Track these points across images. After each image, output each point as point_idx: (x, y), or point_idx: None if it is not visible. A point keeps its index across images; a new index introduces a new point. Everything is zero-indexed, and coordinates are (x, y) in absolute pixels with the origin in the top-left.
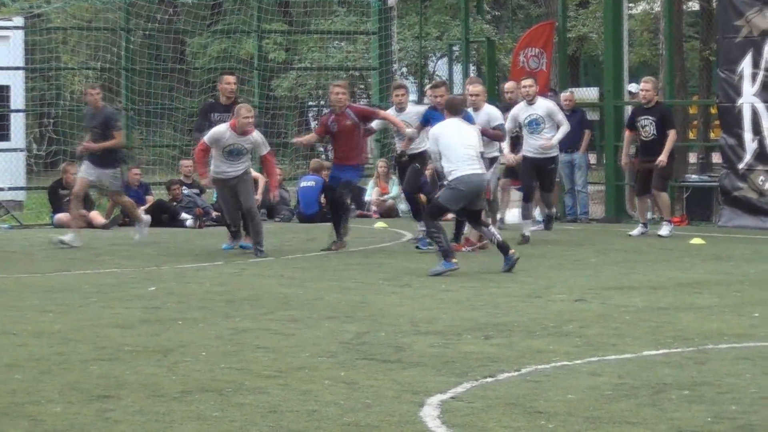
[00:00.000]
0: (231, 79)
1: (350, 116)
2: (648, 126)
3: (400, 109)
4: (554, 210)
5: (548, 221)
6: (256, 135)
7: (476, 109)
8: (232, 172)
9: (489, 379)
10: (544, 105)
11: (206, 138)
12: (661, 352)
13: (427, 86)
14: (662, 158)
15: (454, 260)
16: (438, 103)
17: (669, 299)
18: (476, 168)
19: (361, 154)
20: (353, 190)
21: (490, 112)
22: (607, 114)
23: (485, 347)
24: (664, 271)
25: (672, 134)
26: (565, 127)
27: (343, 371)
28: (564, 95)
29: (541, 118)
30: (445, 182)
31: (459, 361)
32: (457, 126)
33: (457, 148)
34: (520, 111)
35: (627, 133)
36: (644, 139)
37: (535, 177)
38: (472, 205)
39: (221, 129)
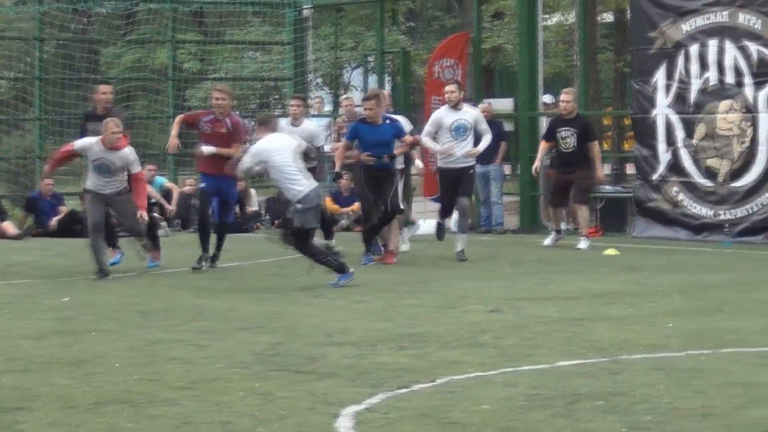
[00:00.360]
0: (106, 89)
1: (227, 126)
2: (569, 138)
3: (294, 121)
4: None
5: (440, 230)
6: (128, 152)
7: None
8: (104, 189)
9: (403, 390)
10: (471, 112)
11: (76, 144)
12: (575, 362)
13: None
14: (599, 174)
15: (350, 270)
16: (368, 116)
17: (583, 310)
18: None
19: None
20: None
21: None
22: (522, 125)
23: (399, 358)
24: (578, 281)
25: (595, 146)
26: (488, 137)
27: (257, 382)
28: (482, 106)
29: (469, 124)
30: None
31: (373, 371)
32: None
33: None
34: (445, 115)
35: (543, 144)
36: (564, 150)
37: (454, 190)
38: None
39: (90, 141)
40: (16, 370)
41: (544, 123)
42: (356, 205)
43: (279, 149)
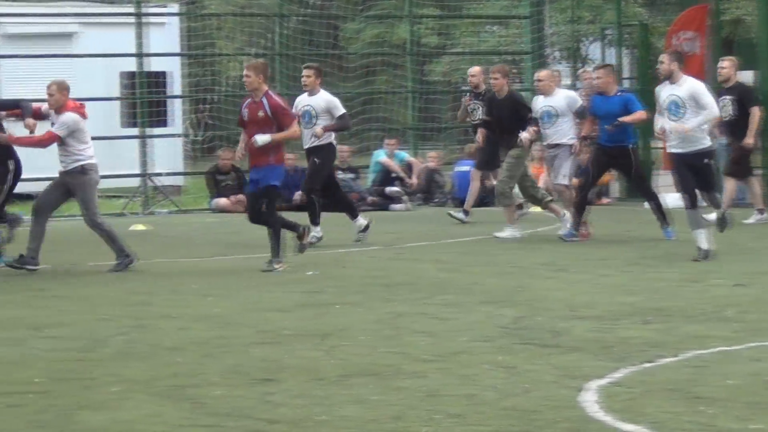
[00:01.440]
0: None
1: (265, 107)
2: (727, 106)
3: (309, 92)
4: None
5: (721, 223)
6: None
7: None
8: (61, 164)
9: (648, 365)
10: (687, 84)
11: None
12: None
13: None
14: (749, 140)
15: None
16: (598, 86)
17: None
18: None
19: (278, 153)
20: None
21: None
22: (764, 98)
23: (644, 332)
24: None
25: (756, 111)
26: (707, 112)
27: (501, 356)
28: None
29: (681, 101)
30: None
31: (617, 346)
32: None
33: None
34: (661, 90)
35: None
36: (725, 119)
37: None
38: None
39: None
40: (265, 342)
41: None
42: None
43: None
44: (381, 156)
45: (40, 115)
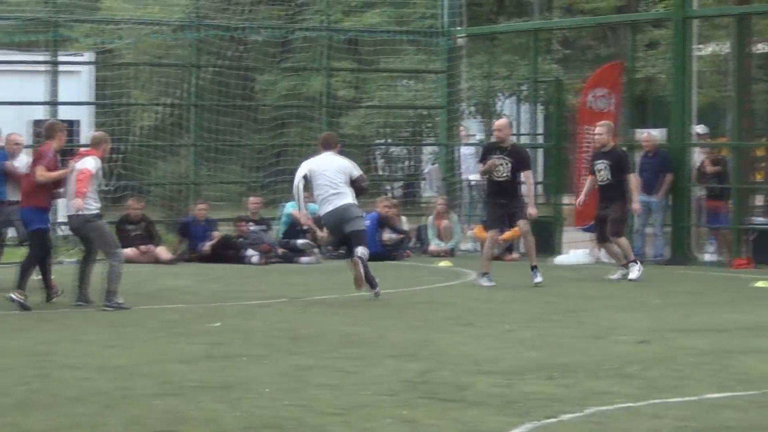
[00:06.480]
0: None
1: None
2: (603, 170)
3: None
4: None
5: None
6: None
7: None
8: None
9: (551, 420)
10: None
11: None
12: (724, 395)
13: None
14: (636, 206)
15: None
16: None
17: (733, 342)
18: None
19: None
20: None
21: None
22: (674, 155)
23: (547, 388)
24: (728, 313)
25: (631, 178)
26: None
27: (405, 410)
28: (642, 137)
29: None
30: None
31: (521, 401)
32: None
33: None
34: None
35: (590, 177)
36: (600, 183)
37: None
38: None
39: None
40: (167, 394)
41: (696, 154)
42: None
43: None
44: (290, 208)
45: None
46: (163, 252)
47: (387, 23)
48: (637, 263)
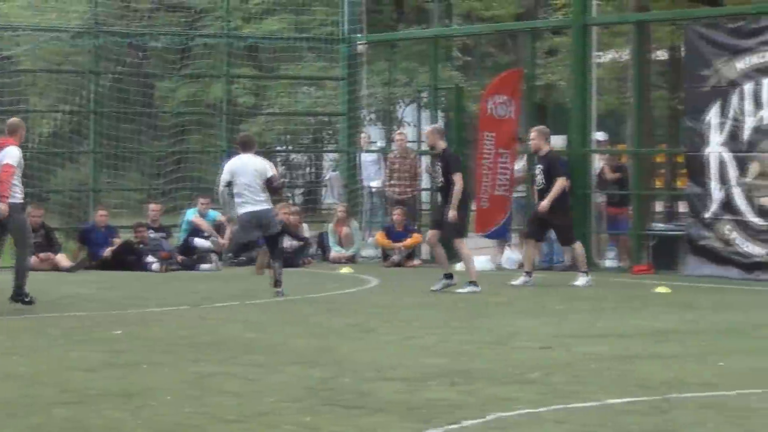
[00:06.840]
0: None
1: None
2: (539, 175)
3: None
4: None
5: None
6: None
7: None
8: None
9: (453, 426)
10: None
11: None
12: (625, 400)
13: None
14: (544, 204)
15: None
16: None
17: (634, 347)
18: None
19: None
20: None
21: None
22: (573, 162)
23: (450, 394)
24: (629, 319)
25: (558, 181)
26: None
27: (308, 417)
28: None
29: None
30: None
31: (423, 407)
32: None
33: None
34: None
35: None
36: (537, 188)
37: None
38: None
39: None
40: (68, 402)
41: (596, 161)
42: (408, 241)
43: None
44: (191, 215)
45: None
46: (63, 259)
47: (287, 30)
48: (587, 275)
